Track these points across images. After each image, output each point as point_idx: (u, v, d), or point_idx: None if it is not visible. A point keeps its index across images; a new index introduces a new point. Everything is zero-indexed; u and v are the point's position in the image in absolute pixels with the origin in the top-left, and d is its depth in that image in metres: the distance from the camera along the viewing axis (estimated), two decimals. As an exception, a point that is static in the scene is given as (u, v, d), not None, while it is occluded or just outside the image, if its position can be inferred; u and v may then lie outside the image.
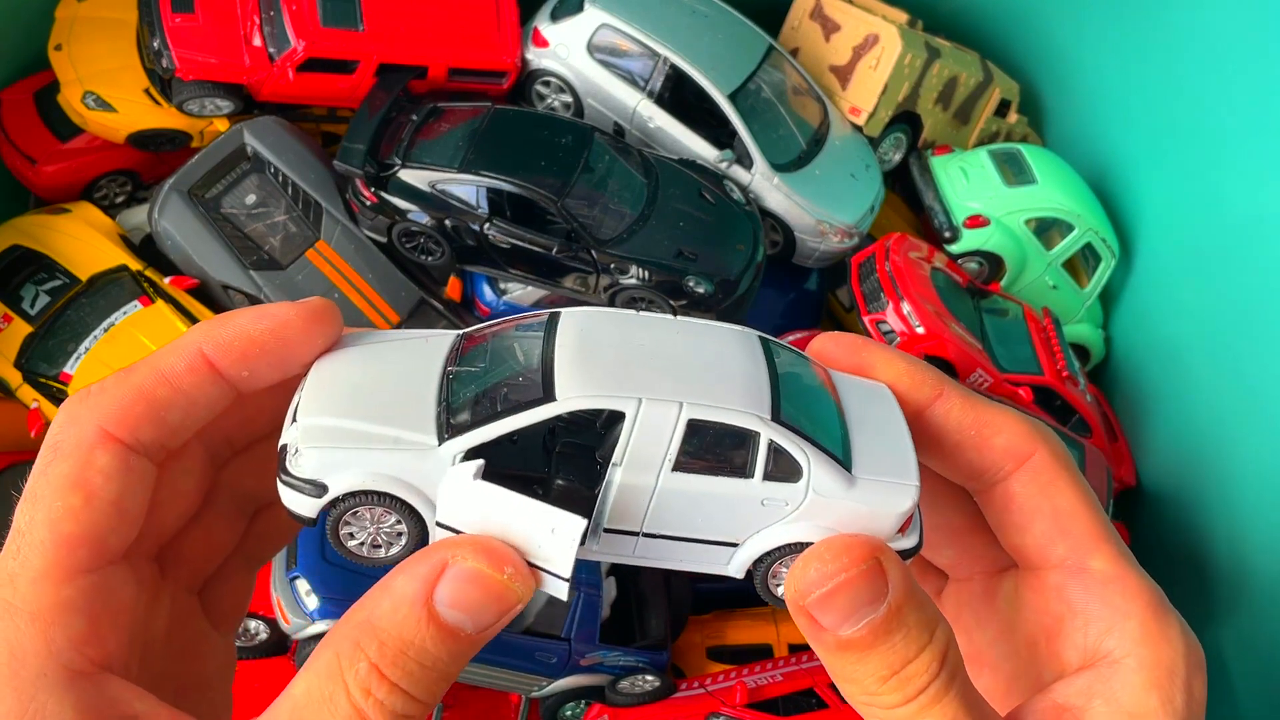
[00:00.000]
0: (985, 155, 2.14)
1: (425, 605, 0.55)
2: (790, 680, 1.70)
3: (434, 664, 0.56)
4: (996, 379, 1.88)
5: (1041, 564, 0.69)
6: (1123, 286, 2.17)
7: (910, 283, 1.88)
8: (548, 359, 0.63)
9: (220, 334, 0.62)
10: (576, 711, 1.73)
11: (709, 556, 0.65)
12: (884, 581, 0.59)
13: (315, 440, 0.61)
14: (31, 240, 1.77)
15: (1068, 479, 0.68)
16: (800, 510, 0.63)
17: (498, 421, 0.61)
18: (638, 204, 1.76)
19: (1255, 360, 1.75)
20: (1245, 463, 1.76)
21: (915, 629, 0.59)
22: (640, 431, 0.61)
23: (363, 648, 0.55)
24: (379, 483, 0.61)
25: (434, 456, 0.61)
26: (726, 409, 0.62)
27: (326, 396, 0.63)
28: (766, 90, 1.96)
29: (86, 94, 1.81)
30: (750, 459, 0.63)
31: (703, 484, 0.63)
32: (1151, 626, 0.64)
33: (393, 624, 0.55)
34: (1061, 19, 2.20)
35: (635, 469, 0.62)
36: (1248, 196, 1.79)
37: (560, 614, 1.67)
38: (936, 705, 0.59)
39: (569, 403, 0.61)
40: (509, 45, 1.90)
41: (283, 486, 0.62)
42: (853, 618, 0.58)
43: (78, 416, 0.60)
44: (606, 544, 0.64)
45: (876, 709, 0.60)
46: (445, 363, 0.66)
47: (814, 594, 0.58)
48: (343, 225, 1.82)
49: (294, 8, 1.75)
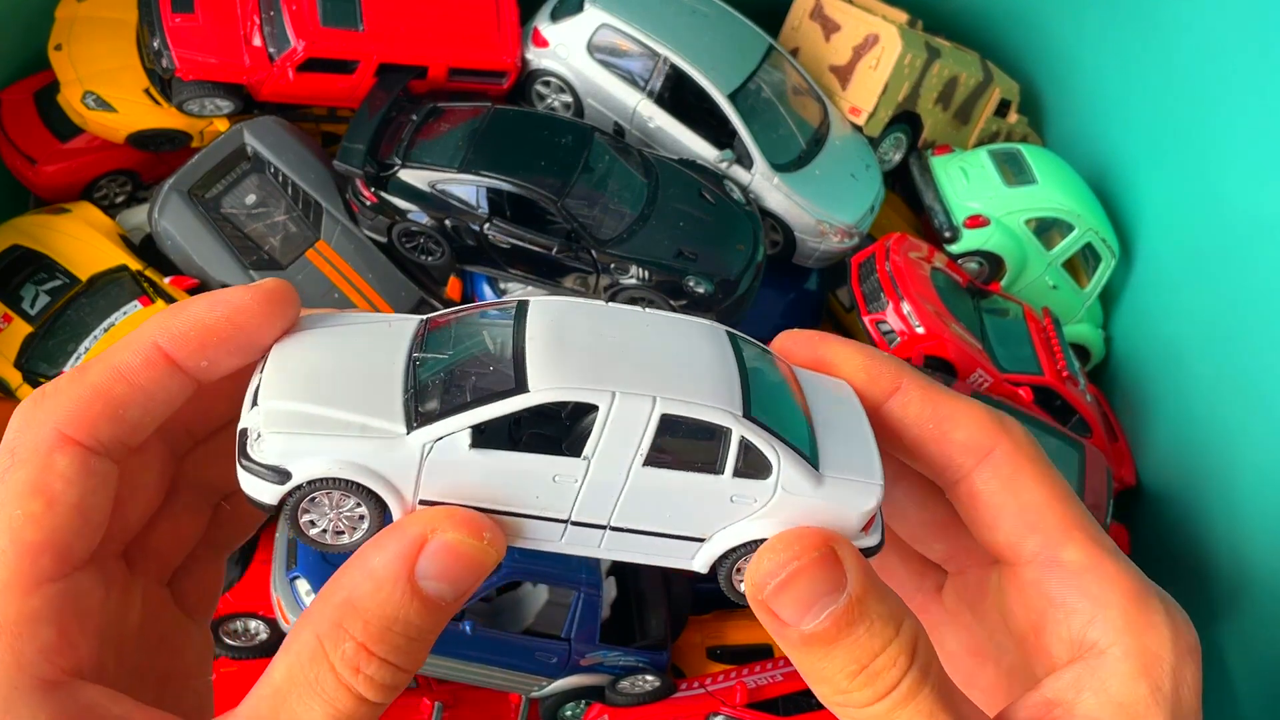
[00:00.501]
0: (985, 155, 2.14)
1: (408, 581, 0.55)
2: (790, 680, 1.70)
3: (418, 634, 0.56)
4: (996, 379, 1.88)
5: (1015, 560, 0.67)
6: (1123, 286, 2.17)
7: (910, 283, 1.88)
8: (518, 349, 0.62)
9: (175, 325, 0.60)
10: (576, 711, 1.73)
11: (675, 551, 0.65)
12: (840, 571, 0.58)
13: (278, 425, 0.59)
14: (31, 240, 1.77)
15: (1032, 471, 0.66)
16: (767, 508, 0.63)
17: (469, 411, 0.60)
18: (638, 204, 1.76)
19: (1255, 360, 1.75)
20: (1245, 463, 1.76)
21: (879, 621, 0.58)
22: (613, 425, 0.60)
23: (346, 628, 0.55)
24: (345, 470, 0.60)
25: (402, 445, 0.60)
26: (699, 404, 0.61)
27: (289, 379, 0.61)
28: (766, 90, 1.96)
29: (86, 94, 1.81)
30: (721, 455, 0.62)
31: (673, 479, 0.62)
32: (1133, 613, 0.63)
33: (376, 603, 0.55)
34: (1061, 19, 2.20)
35: (606, 463, 0.61)
36: (1248, 197, 1.79)
37: (560, 614, 1.67)
38: (911, 702, 0.58)
39: (542, 394, 0.60)
40: (509, 45, 1.90)
41: (243, 473, 0.61)
42: (812, 609, 0.57)
43: (33, 419, 0.58)
44: (574, 538, 0.64)
45: (851, 709, 0.59)
46: (410, 347, 0.65)
47: (770, 584, 0.58)
48: (343, 225, 1.82)
49: (294, 8, 1.75)
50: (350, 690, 0.55)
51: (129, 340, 0.61)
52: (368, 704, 0.55)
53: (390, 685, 0.56)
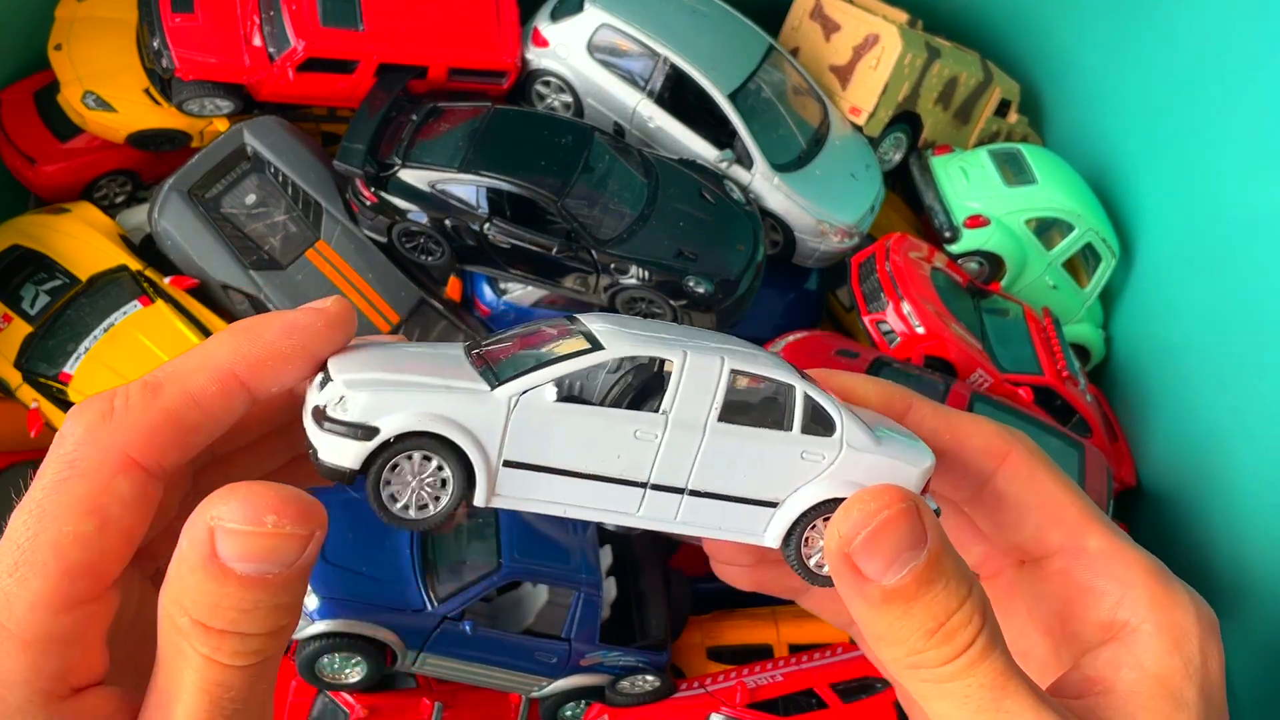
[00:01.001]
0: (985, 155, 2.14)
1: (213, 564, 0.53)
2: (790, 680, 1.70)
3: (255, 604, 0.54)
4: (996, 379, 1.88)
5: (1042, 553, 0.71)
6: (1123, 286, 2.17)
7: (910, 283, 1.88)
8: (585, 333, 0.65)
9: (252, 353, 0.60)
10: (576, 711, 1.73)
11: (747, 521, 0.66)
12: (922, 527, 0.60)
13: (362, 385, 0.60)
14: (31, 240, 1.76)
15: (1048, 471, 0.71)
16: (835, 465, 0.65)
17: (552, 366, 0.62)
18: (638, 204, 1.76)
19: (1255, 360, 1.75)
20: (1245, 463, 1.76)
21: (954, 580, 0.60)
22: (687, 381, 0.63)
23: (182, 604, 0.54)
24: (433, 424, 0.60)
25: (489, 400, 0.61)
26: (763, 364, 0.65)
27: (359, 362, 0.63)
28: (766, 90, 1.96)
29: (86, 94, 1.81)
30: (788, 413, 0.65)
31: (746, 435, 0.64)
32: (1158, 592, 0.66)
33: (193, 585, 0.54)
34: (1061, 19, 2.21)
35: (684, 417, 0.63)
36: (1247, 196, 1.79)
37: (560, 614, 1.68)
38: (984, 662, 0.59)
39: (618, 350, 0.63)
40: (509, 45, 1.90)
41: (323, 437, 0.60)
42: (896, 563, 0.59)
43: (99, 434, 0.57)
44: (651, 507, 0.65)
45: (924, 670, 0.60)
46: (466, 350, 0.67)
47: (859, 535, 0.59)
48: (343, 225, 1.82)
49: (294, 7, 1.75)
50: (208, 659, 0.54)
51: (203, 362, 0.60)
52: (234, 670, 0.55)
53: (252, 650, 0.55)
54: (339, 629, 1.52)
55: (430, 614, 1.57)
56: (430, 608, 1.57)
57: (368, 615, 1.53)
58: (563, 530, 1.71)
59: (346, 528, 1.62)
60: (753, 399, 0.65)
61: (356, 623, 1.52)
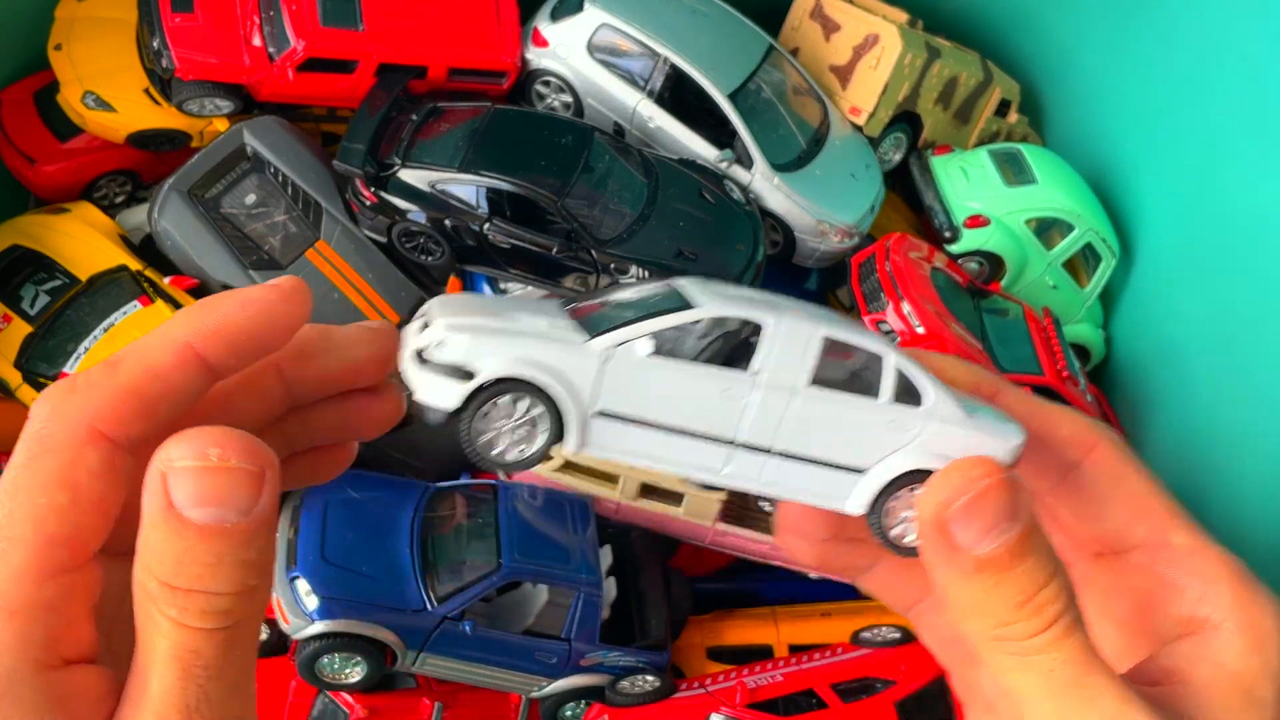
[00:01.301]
0: (985, 155, 2.14)
1: (170, 515, 0.53)
2: (790, 680, 1.70)
3: (219, 558, 0.54)
4: (996, 379, 1.88)
5: (1123, 546, 0.71)
6: (1123, 286, 2.17)
7: (910, 283, 1.88)
8: (680, 293, 0.66)
9: (206, 325, 0.61)
10: (576, 711, 1.73)
11: (832, 486, 0.67)
12: (1018, 500, 0.60)
13: (463, 329, 0.62)
14: (31, 240, 1.77)
15: (1135, 465, 0.71)
16: (924, 437, 0.66)
17: (646, 321, 0.63)
18: (638, 204, 1.76)
19: (1255, 360, 1.75)
20: (1246, 463, 1.76)
21: (1045, 556, 0.60)
22: (780, 343, 0.64)
23: (149, 569, 0.55)
24: (530, 369, 0.62)
25: (585, 351, 0.62)
26: (856, 332, 0.65)
27: (460, 308, 0.64)
28: (766, 90, 1.96)
29: (86, 94, 1.81)
30: (878, 382, 0.65)
31: (836, 400, 0.65)
32: (1242, 592, 0.67)
33: (155, 544, 0.54)
34: (1061, 19, 2.20)
35: (774, 378, 0.64)
36: (1248, 196, 1.79)
37: (560, 614, 1.68)
38: (1069, 639, 0.60)
39: (711, 309, 0.64)
40: (509, 45, 1.90)
41: (422, 376, 0.62)
42: (992, 533, 0.59)
43: (65, 411, 0.59)
44: (737, 466, 0.66)
45: (1010, 643, 0.60)
46: (563, 304, 0.68)
47: (959, 501, 0.59)
48: (343, 225, 1.82)
49: (294, 7, 1.75)
50: (176, 623, 0.55)
51: (160, 337, 0.62)
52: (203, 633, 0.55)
53: (220, 610, 0.55)
54: (339, 629, 1.52)
55: (430, 614, 1.57)
56: (430, 608, 1.57)
57: (368, 615, 1.53)
58: (563, 530, 1.72)
59: (346, 528, 1.62)
60: (842, 366, 0.66)
61: (356, 623, 1.53)
